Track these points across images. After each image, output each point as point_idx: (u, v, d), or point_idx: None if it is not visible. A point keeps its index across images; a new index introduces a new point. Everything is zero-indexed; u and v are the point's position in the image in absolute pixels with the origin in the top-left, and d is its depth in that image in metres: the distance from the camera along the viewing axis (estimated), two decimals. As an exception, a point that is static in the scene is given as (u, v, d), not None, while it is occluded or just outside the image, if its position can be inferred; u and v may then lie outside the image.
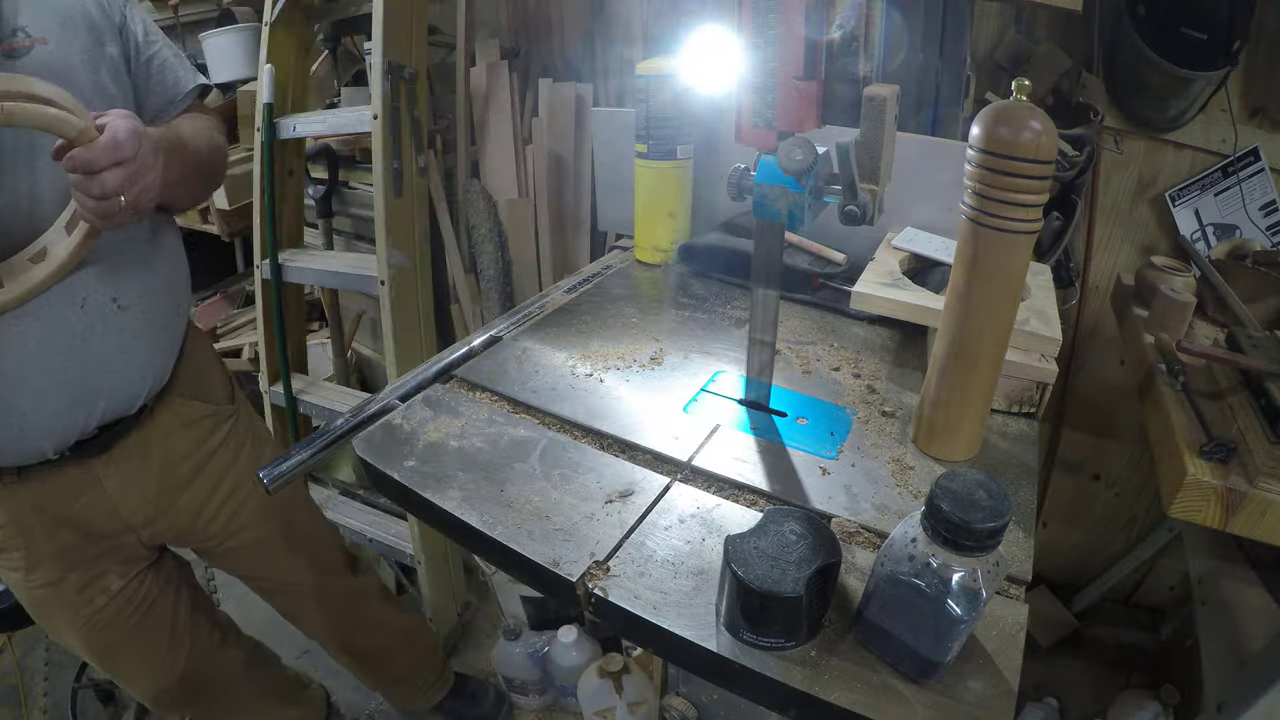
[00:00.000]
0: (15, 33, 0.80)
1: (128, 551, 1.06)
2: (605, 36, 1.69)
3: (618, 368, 0.87)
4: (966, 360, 0.66)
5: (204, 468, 1.08)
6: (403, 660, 1.52)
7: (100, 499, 0.99)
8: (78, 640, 1.07)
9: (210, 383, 1.12)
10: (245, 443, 1.15)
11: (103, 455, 0.96)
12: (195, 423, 1.08)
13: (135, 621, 1.09)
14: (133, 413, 0.97)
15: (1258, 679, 1.00)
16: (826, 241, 1.12)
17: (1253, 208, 1.36)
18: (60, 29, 0.84)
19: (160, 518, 1.05)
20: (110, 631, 1.07)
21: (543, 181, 1.74)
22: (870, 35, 0.60)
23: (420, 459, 0.71)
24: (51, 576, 1.00)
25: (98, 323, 0.89)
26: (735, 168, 0.67)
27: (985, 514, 0.44)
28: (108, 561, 1.04)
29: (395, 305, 1.50)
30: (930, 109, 1.20)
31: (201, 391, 1.09)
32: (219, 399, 1.13)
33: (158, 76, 0.97)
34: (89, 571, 1.03)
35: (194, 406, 1.07)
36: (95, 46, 0.88)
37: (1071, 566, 1.88)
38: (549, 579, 0.59)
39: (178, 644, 1.16)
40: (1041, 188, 0.58)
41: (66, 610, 1.04)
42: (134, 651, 1.12)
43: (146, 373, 0.97)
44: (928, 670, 0.49)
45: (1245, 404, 0.91)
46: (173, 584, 1.16)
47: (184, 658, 1.17)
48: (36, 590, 1.01)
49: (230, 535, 1.16)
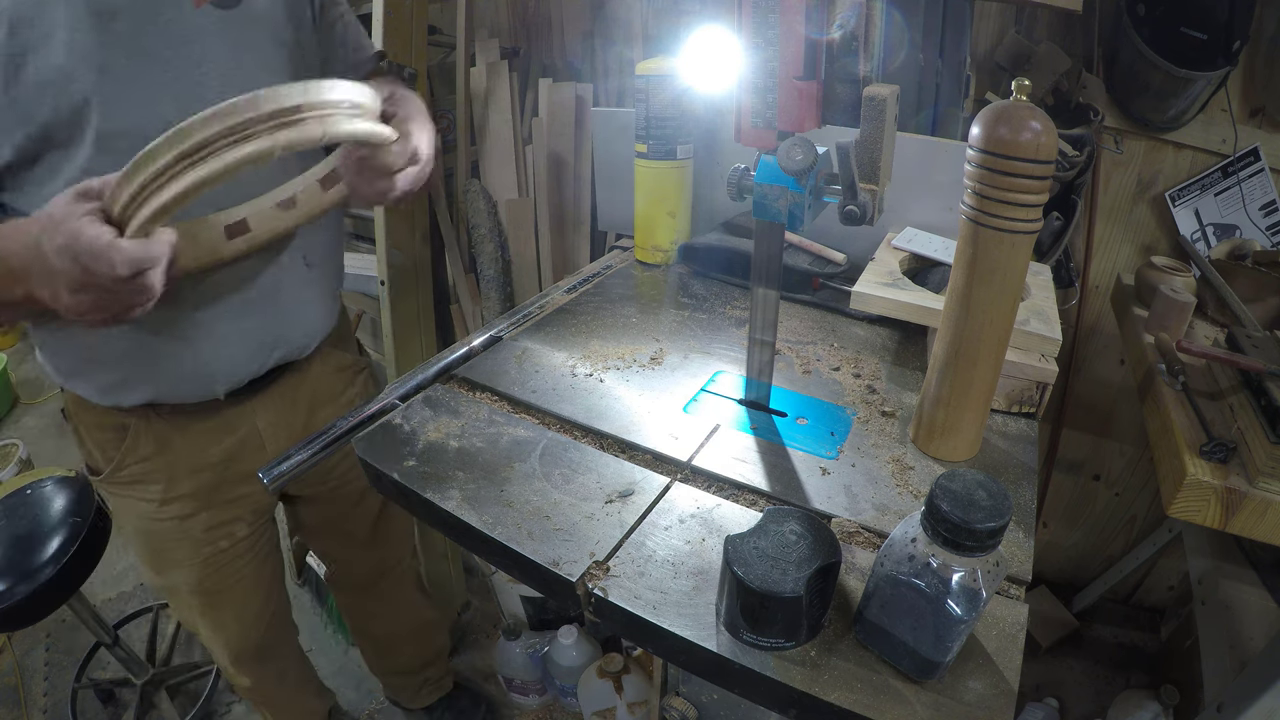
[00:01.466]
0: None
1: (258, 503, 1.10)
2: (605, 36, 1.69)
3: (618, 368, 0.87)
4: (966, 360, 0.66)
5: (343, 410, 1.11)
6: (410, 652, 1.54)
7: (252, 435, 1.02)
8: (190, 577, 1.08)
9: (348, 337, 1.19)
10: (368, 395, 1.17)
11: (258, 395, 1.00)
12: (342, 370, 1.14)
13: (250, 570, 1.13)
14: (302, 358, 1.02)
15: (1257, 679, 1.00)
16: (826, 241, 1.12)
17: (1253, 208, 1.36)
18: None
19: None
20: (225, 574, 1.10)
21: (543, 181, 1.74)
22: (870, 35, 0.59)
23: (420, 459, 0.71)
24: (185, 511, 1.02)
25: (288, 278, 0.94)
26: (735, 168, 0.67)
27: (985, 514, 0.44)
28: (239, 509, 1.07)
29: (395, 305, 1.50)
30: (930, 109, 1.20)
31: (345, 342, 1.16)
32: (356, 350, 1.21)
33: (341, 39, 0.98)
34: (221, 514, 1.06)
35: (341, 356, 1.14)
36: (296, 7, 0.89)
37: (1071, 566, 1.88)
38: (549, 579, 0.59)
39: (270, 602, 1.21)
40: (1041, 188, 0.58)
41: (188, 545, 1.05)
42: (237, 599, 1.15)
43: (320, 324, 1.03)
44: (928, 670, 0.49)
45: (1245, 404, 0.91)
46: (275, 541, 1.21)
47: (269, 617, 1.22)
48: (165, 522, 1.02)
49: (346, 483, 1.20)
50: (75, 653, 1.85)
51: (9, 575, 1.28)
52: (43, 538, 1.34)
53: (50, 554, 1.33)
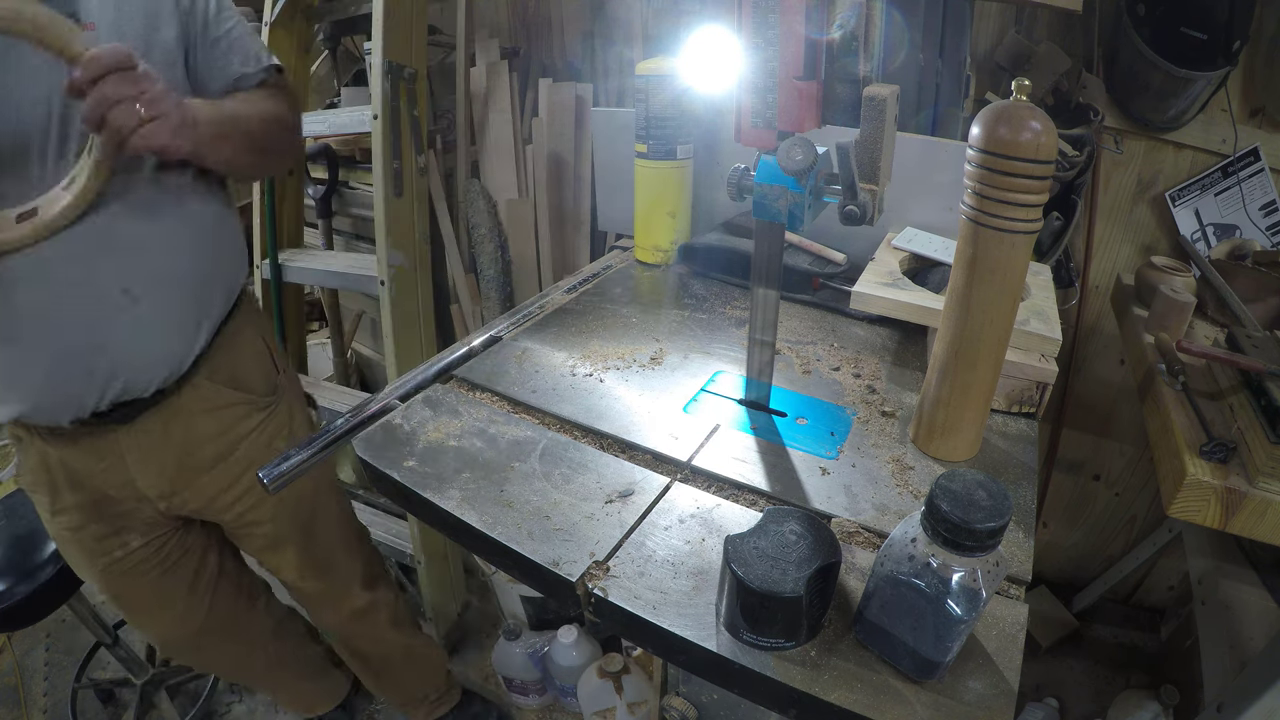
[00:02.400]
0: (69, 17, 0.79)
1: (147, 517, 1.08)
2: (605, 36, 1.69)
3: (618, 368, 0.87)
4: (966, 360, 0.66)
5: (227, 456, 1.08)
6: (406, 676, 1.52)
7: (118, 468, 1.00)
8: (95, 583, 1.11)
9: (245, 372, 1.09)
10: (279, 436, 1.13)
11: (125, 426, 0.98)
12: (221, 409, 1.05)
13: (153, 577, 1.12)
14: (147, 395, 0.97)
15: (1258, 679, 1.00)
16: (826, 241, 1.12)
17: (1253, 208, 1.36)
18: (116, 13, 0.84)
19: (176, 495, 1.06)
20: (126, 581, 1.10)
21: (543, 181, 1.74)
22: (870, 35, 0.59)
23: (420, 459, 0.71)
24: (74, 523, 1.03)
25: (109, 312, 0.89)
26: (735, 168, 0.67)
27: (985, 514, 0.44)
28: (129, 520, 1.06)
29: (395, 305, 1.50)
30: (930, 109, 1.20)
31: (235, 379, 1.07)
32: (256, 389, 1.10)
33: (224, 58, 0.95)
34: (109, 526, 1.05)
35: (222, 393, 1.05)
36: (149, 31, 0.87)
37: (1071, 566, 1.88)
38: (549, 579, 0.59)
39: (196, 603, 1.19)
40: (1041, 188, 0.58)
41: (86, 554, 1.07)
42: (147, 603, 1.15)
43: (161, 360, 0.96)
44: (928, 670, 0.49)
45: (1245, 404, 0.91)
46: (198, 548, 1.18)
47: (201, 616, 1.19)
48: (60, 531, 1.06)
49: (245, 525, 1.16)
50: (75, 653, 1.85)
51: (9, 575, 1.28)
52: (43, 537, 1.35)
53: (50, 554, 1.33)
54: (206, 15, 0.93)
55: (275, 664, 1.40)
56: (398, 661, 1.47)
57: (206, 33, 0.93)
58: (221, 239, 1.02)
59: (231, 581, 1.25)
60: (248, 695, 1.75)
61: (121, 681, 1.72)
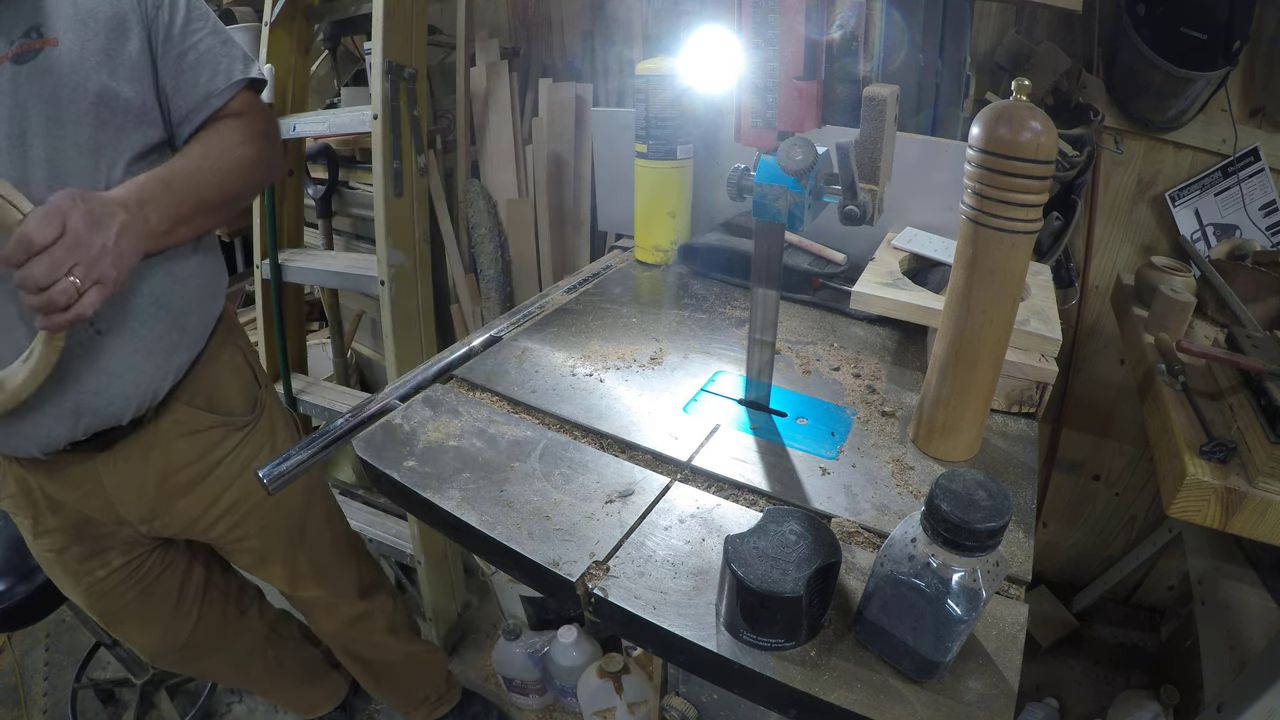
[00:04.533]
0: (30, 32, 0.78)
1: (128, 539, 1.08)
2: (605, 36, 1.69)
3: (618, 368, 0.87)
4: (966, 360, 0.66)
5: (206, 477, 1.07)
6: (405, 680, 1.52)
7: (98, 493, 0.99)
8: (80, 601, 1.11)
9: (224, 394, 1.07)
10: (258, 455, 1.12)
11: (103, 453, 0.97)
12: (199, 433, 1.04)
13: (137, 594, 1.12)
14: (122, 424, 0.94)
15: (1258, 679, 1.00)
16: (826, 241, 1.12)
17: (1253, 208, 1.36)
18: (80, 27, 0.81)
19: (157, 518, 1.06)
20: (111, 599, 1.10)
21: (543, 181, 1.74)
22: (870, 35, 0.59)
23: (420, 459, 0.71)
24: (56, 545, 1.04)
25: (76, 349, 0.85)
26: (735, 168, 0.67)
27: (985, 514, 0.44)
28: (110, 541, 1.07)
29: (395, 305, 1.50)
30: (930, 109, 1.20)
31: (212, 402, 1.05)
32: (234, 410, 1.08)
33: (191, 72, 0.89)
34: (91, 546, 1.06)
35: (199, 416, 1.03)
36: (114, 45, 0.83)
37: (1071, 566, 1.88)
38: (549, 579, 0.59)
39: (183, 616, 1.19)
40: (1041, 188, 0.58)
41: (69, 575, 1.07)
42: (134, 618, 1.15)
43: (134, 392, 0.93)
44: (928, 670, 0.49)
45: (1245, 404, 0.91)
46: (181, 562, 1.18)
47: (189, 628, 1.20)
48: (43, 553, 1.06)
49: (231, 542, 1.16)
50: (75, 653, 1.85)
51: (9, 575, 1.28)
52: (43, 538, 1.34)
53: (50, 554, 1.33)
54: (171, 26, 0.87)
55: (271, 669, 1.40)
56: (397, 666, 1.47)
57: (169, 45, 0.87)
58: (198, 266, 0.99)
59: (220, 591, 1.24)
60: (248, 696, 1.75)
61: (121, 681, 1.72)
